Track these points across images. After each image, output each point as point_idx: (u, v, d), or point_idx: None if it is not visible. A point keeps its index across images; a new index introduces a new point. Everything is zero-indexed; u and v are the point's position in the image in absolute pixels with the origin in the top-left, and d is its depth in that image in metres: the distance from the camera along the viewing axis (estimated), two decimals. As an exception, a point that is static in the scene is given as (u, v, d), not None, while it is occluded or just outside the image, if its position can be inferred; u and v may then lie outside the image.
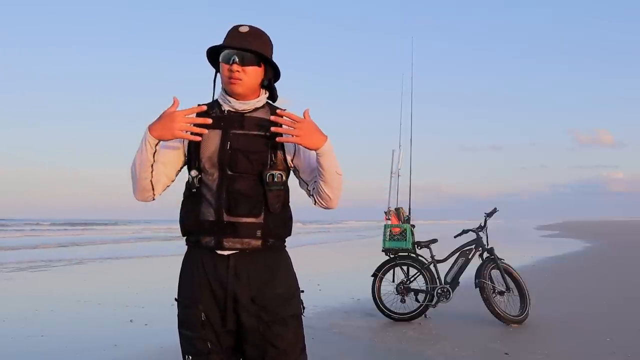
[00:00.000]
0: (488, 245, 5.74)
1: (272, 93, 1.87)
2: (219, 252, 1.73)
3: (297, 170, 1.86)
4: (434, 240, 5.93)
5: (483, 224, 5.84)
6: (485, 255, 5.70)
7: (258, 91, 1.82)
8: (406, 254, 5.81)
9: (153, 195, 1.80)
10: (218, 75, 1.83)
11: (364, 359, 4.42)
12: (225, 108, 1.80)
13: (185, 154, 1.80)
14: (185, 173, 1.81)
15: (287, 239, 1.86)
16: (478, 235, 5.80)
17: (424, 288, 5.68)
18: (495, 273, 5.58)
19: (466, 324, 5.47)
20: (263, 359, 1.75)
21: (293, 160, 1.84)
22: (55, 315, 5.95)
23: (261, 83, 1.81)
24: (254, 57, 1.75)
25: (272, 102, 1.88)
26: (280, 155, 1.79)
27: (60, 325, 5.45)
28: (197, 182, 1.75)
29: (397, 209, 6.09)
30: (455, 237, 6.09)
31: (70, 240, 22.24)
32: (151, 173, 1.75)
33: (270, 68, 1.81)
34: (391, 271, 5.85)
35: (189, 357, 1.75)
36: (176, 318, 1.80)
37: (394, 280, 5.84)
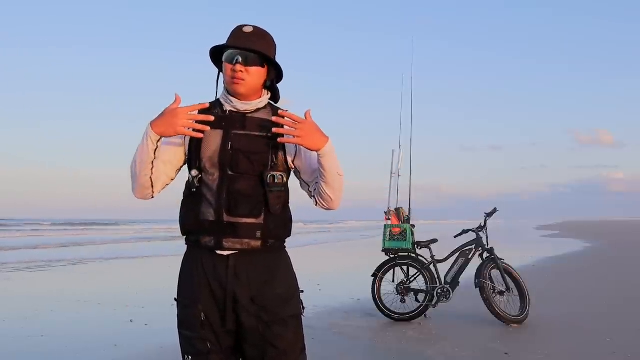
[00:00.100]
0: (488, 245, 5.74)
1: (275, 94, 1.87)
2: (219, 252, 1.73)
3: (298, 172, 1.86)
4: (434, 240, 5.93)
5: (483, 224, 5.85)
6: (485, 255, 5.70)
7: (260, 92, 1.82)
8: (406, 254, 5.81)
9: (152, 193, 1.80)
10: (221, 74, 1.82)
11: (364, 359, 4.42)
12: (227, 108, 1.79)
13: (186, 153, 1.80)
14: (185, 172, 1.81)
15: (287, 239, 1.86)
16: (478, 235, 5.80)
17: (424, 288, 5.68)
18: (495, 273, 5.58)
19: (466, 324, 5.47)
20: (263, 359, 1.75)
21: (294, 161, 1.83)
22: (55, 315, 5.95)
23: (264, 84, 1.80)
24: (257, 58, 1.74)
25: (275, 103, 1.88)
26: (281, 156, 1.78)
27: (60, 325, 5.45)
28: (198, 182, 1.74)
29: (397, 209, 6.09)
30: (455, 237, 6.09)
31: (71, 241, 22.22)
32: (151, 170, 1.75)
33: (273, 69, 1.81)
34: (391, 271, 5.85)
35: (188, 357, 1.75)
36: (176, 318, 1.79)
37: (394, 280, 5.84)
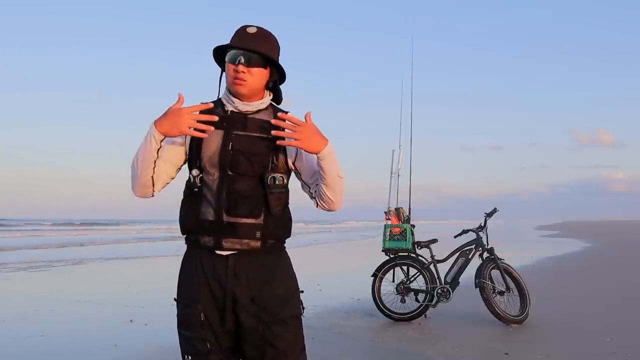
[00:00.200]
0: (488, 245, 5.74)
1: (277, 95, 1.86)
2: (218, 252, 1.73)
3: (299, 173, 1.85)
4: (434, 240, 5.93)
5: (483, 224, 5.85)
6: (485, 255, 5.70)
7: (262, 93, 1.81)
8: (406, 254, 5.81)
9: (153, 192, 1.80)
10: (223, 74, 1.82)
11: (364, 359, 4.42)
12: (229, 108, 1.79)
13: (187, 153, 1.79)
14: (186, 172, 1.80)
15: (287, 239, 1.85)
16: (478, 235, 5.80)
17: (424, 288, 5.68)
18: (495, 273, 5.58)
19: (466, 324, 5.47)
20: (262, 359, 1.75)
21: (294, 163, 1.83)
22: (55, 315, 5.95)
23: (266, 85, 1.80)
24: (260, 59, 1.73)
25: (277, 105, 1.87)
26: (281, 157, 1.78)
27: (60, 325, 5.45)
28: (198, 182, 1.74)
29: (397, 209, 6.09)
30: (455, 237, 6.09)
31: (71, 241, 22.22)
32: (153, 169, 1.75)
33: (276, 71, 1.80)
34: (391, 271, 5.85)
35: (188, 357, 1.75)
36: (176, 318, 1.79)
37: (394, 280, 5.84)
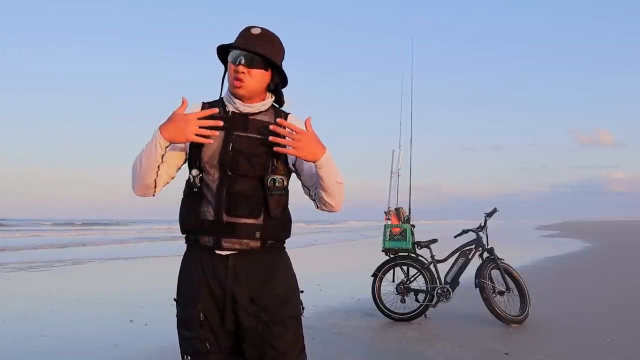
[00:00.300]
0: (488, 245, 5.74)
1: (279, 97, 1.86)
2: (218, 252, 1.73)
3: (299, 175, 1.85)
4: (434, 240, 5.93)
5: (483, 224, 5.84)
6: (485, 255, 5.70)
7: (263, 94, 1.81)
8: (406, 254, 5.81)
9: (154, 192, 1.81)
10: (226, 74, 1.81)
11: (364, 359, 4.42)
12: (230, 109, 1.79)
13: (187, 153, 1.80)
14: (186, 171, 1.80)
15: (287, 239, 1.85)
16: (478, 235, 5.80)
17: (424, 288, 5.68)
18: (495, 273, 5.58)
19: (466, 324, 5.47)
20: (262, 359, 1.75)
21: (295, 165, 1.83)
22: (55, 315, 5.95)
23: (267, 87, 1.80)
24: (261, 61, 1.73)
25: (279, 107, 1.86)
26: (282, 159, 1.78)
27: (60, 325, 5.45)
28: (198, 182, 1.74)
29: (397, 209, 6.09)
30: (455, 237, 6.09)
31: (71, 241, 22.21)
32: (157, 173, 1.75)
33: (278, 74, 1.80)
34: (391, 271, 5.85)
35: (187, 357, 1.75)
36: (175, 318, 1.79)
37: (394, 280, 5.84)
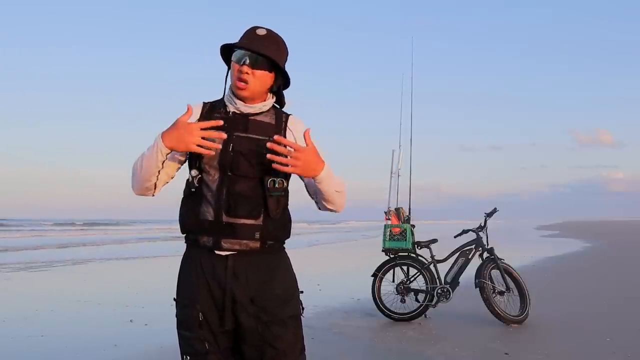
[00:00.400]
0: (488, 245, 5.74)
1: (280, 98, 1.85)
2: (217, 252, 1.72)
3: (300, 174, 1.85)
4: (434, 240, 5.93)
5: (483, 224, 5.84)
6: (485, 255, 5.70)
7: (265, 95, 1.80)
8: (406, 254, 5.81)
9: (153, 193, 1.82)
10: (229, 73, 1.80)
11: (364, 359, 4.42)
12: (231, 109, 1.78)
13: (187, 153, 1.79)
14: (185, 171, 1.80)
15: (287, 240, 1.85)
16: (478, 235, 5.80)
17: (424, 288, 5.68)
18: (495, 273, 5.58)
19: (466, 324, 5.47)
20: (262, 360, 1.74)
21: None
22: (55, 315, 5.96)
23: (270, 88, 1.80)
24: (266, 62, 1.72)
25: (279, 108, 1.86)
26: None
27: (60, 325, 5.45)
28: (198, 182, 1.74)
29: (397, 209, 6.09)
30: (455, 237, 6.09)
31: (71, 241, 22.22)
32: (157, 177, 1.76)
33: (281, 76, 1.80)
34: (391, 271, 5.85)
35: (187, 358, 1.75)
36: (175, 318, 1.79)
37: (394, 280, 5.85)
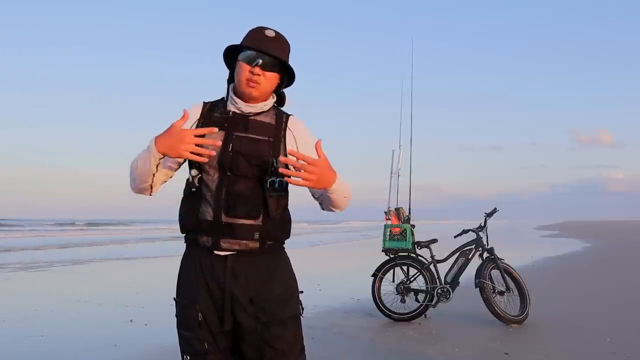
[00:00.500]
0: (488, 245, 5.74)
1: (280, 98, 1.86)
2: (216, 253, 1.73)
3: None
4: (434, 240, 5.93)
5: (483, 224, 5.84)
6: (485, 255, 5.69)
7: (269, 95, 1.82)
8: (406, 254, 5.81)
9: (150, 193, 1.82)
10: (234, 73, 1.79)
11: (364, 359, 4.42)
12: (231, 109, 1.78)
13: None
14: (186, 171, 1.80)
15: (287, 240, 1.85)
16: (478, 235, 5.80)
17: (424, 288, 5.68)
18: (495, 273, 5.58)
19: (466, 324, 5.47)
20: (261, 360, 1.74)
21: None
22: (55, 315, 5.96)
23: (274, 89, 1.81)
24: (276, 64, 1.74)
25: (280, 107, 1.86)
26: (282, 160, 1.77)
27: (60, 325, 5.45)
28: (197, 182, 1.74)
29: (397, 209, 6.09)
30: (455, 237, 6.09)
31: (71, 241, 22.22)
32: (152, 178, 1.75)
33: (286, 77, 1.81)
34: (391, 271, 5.85)
35: (187, 357, 1.75)
36: (175, 318, 1.79)
37: (394, 280, 5.84)
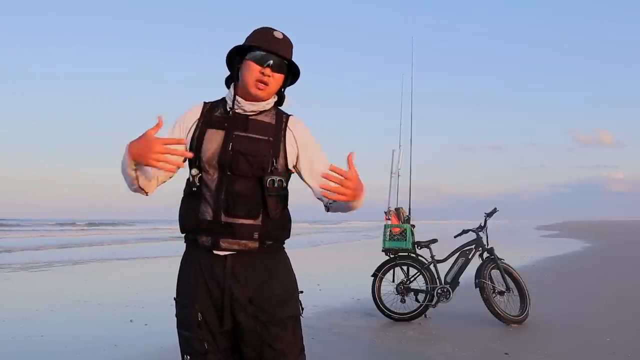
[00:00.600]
0: (488, 245, 5.73)
1: (281, 97, 1.86)
2: (216, 252, 1.72)
3: (300, 174, 1.84)
4: (434, 240, 5.93)
5: (483, 224, 5.84)
6: (485, 255, 5.69)
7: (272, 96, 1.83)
8: (406, 254, 5.81)
9: (146, 194, 1.81)
10: (240, 72, 1.78)
11: (364, 359, 4.41)
12: (232, 108, 1.78)
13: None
14: (185, 171, 1.80)
15: (287, 240, 1.85)
16: (478, 235, 5.80)
17: (424, 288, 5.68)
18: (495, 273, 5.58)
19: (466, 324, 5.47)
20: (260, 360, 1.74)
21: (295, 166, 1.82)
22: (55, 315, 5.95)
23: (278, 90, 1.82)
24: (284, 65, 1.76)
25: (279, 106, 1.86)
26: (282, 160, 1.77)
27: (60, 325, 5.45)
28: (197, 181, 1.74)
29: (397, 209, 6.08)
30: (455, 237, 6.08)
31: (71, 241, 22.22)
32: (136, 182, 1.74)
33: (290, 77, 1.83)
34: (391, 271, 5.85)
35: (187, 357, 1.75)
36: (175, 318, 1.79)
37: (394, 280, 5.84)
